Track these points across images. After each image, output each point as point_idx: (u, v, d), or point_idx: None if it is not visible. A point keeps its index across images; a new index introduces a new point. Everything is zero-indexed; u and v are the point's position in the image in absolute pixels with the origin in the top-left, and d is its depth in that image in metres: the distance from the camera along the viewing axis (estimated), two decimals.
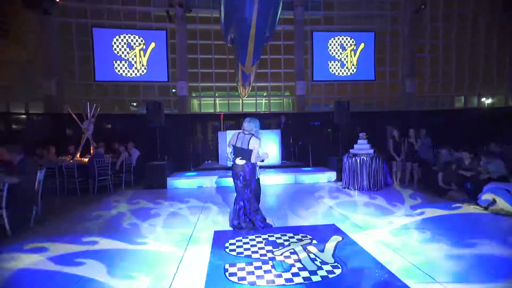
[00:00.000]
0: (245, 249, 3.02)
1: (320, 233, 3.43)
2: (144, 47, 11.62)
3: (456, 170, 5.26)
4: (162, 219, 4.24)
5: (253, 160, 3.60)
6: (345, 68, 12.97)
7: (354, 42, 13.00)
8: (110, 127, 10.20)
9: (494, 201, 4.23)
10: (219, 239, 3.34)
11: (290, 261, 2.70)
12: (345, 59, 12.97)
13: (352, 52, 13.04)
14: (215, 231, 3.63)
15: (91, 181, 6.24)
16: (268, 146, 8.23)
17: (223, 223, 3.95)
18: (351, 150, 6.24)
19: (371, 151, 6.03)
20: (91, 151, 7.73)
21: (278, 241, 3.23)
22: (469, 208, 4.39)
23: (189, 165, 9.11)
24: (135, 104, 12.19)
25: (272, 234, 3.46)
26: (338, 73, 12.94)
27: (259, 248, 3.04)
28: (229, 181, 6.83)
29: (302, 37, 12.61)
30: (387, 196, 5.27)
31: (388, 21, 13.32)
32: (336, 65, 12.92)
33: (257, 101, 12.98)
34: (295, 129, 11.16)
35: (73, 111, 8.05)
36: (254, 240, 3.28)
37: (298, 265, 2.61)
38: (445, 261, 2.64)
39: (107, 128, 10.28)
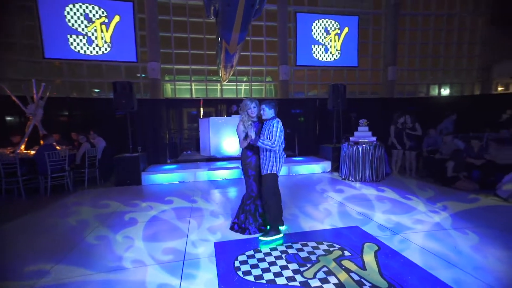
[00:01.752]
0: (263, 270, 2.27)
1: (347, 240, 2.80)
2: (106, 21, 9.96)
3: (465, 158, 4.96)
4: (141, 227, 3.31)
5: (240, 146, 3.07)
6: (328, 53, 12.47)
7: (338, 26, 12.50)
8: (67, 114, 8.63)
9: None
10: (224, 254, 2.55)
11: (329, 287, 2.01)
12: (329, 43, 12.45)
13: (336, 37, 12.54)
14: (215, 243, 2.82)
15: (41, 179, 5.00)
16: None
17: (223, 230, 3.15)
18: (351, 138, 5.70)
19: (374, 139, 5.55)
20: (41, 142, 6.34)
21: (302, 254, 2.52)
22: (488, 200, 4.06)
23: (165, 157, 8.05)
24: (96, 90, 10.58)
25: (290, 243, 2.75)
26: (322, 58, 12.42)
27: (282, 267, 2.31)
28: (216, 174, 5.98)
29: (286, 18, 11.79)
30: (395, 188, 4.82)
31: (371, 5, 12.99)
32: (320, 49, 12.36)
33: (238, 87, 12.05)
34: (278, 116, 10.43)
35: (13, 93, 6.48)
36: (270, 254, 2.54)
37: None
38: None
39: (63, 115, 8.69)
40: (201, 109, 9.34)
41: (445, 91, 14.56)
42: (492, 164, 4.88)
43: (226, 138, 7.27)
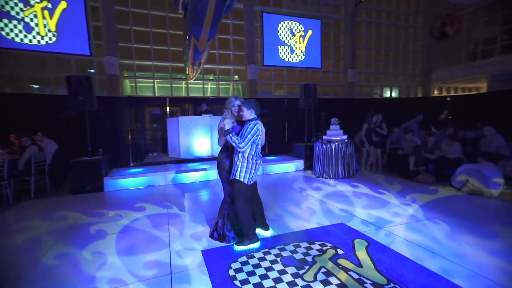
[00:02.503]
0: (261, 277, 2.15)
1: (337, 237, 2.82)
2: (49, 6, 8.79)
3: (422, 154, 5.43)
4: (112, 240, 2.93)
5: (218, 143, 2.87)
6: (294, 54, 12.77)
7: (303, 28, 12.88)
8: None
9: (466, 182, 4.41)
10: (215, 263, 2.37)
11: None
12: (294, 45, 12.75)
13: (301, 39, 12.91)
14: (203, 251, 2.61)
15: None
16: None
17: (208, 236, 2.94)
18: (324, 137, 5.87)
19: (345, 137, 5.78)
20: None
21: (297, 256, 2.46)
22: (445, 191, 4.49)
23: (128, 160, 7.42)
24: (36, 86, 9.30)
25: (282, 245, 2.67)
26: (288, 59, 12.67)
27: (280, 272, 2.21)
28: (188, 177, 5.66)
29: (252, 17, 11.76)
30: (366, 184, 5.07)
31: (332, 10, 13.66)
32: (286, 50, 12.59)
33: (204, 85, 11.66)
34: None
35: None
36: (264, 259, 2.43)
37: None
38: (491, 258, 2.35)
39: None
40: (168, 108, 8.80)
41: (395, 93, 16.00)
42: (444, 158, 5.43)
43: (197, 139, 6.95)
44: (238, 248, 2.62)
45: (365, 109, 11.60)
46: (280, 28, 12.43)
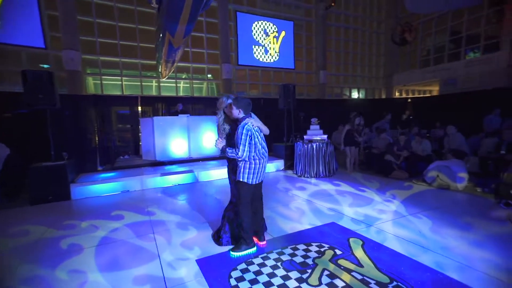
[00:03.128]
0: (265, 284, 2.06)
1: (332, 237, 2.83)
2: None
3: (395, 151, 5.75)
4: (91, 255, 2.62)
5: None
6: (268, 54, 12.85)
7: (276, 29, 13.00)
8: None
9: (437, 177, 4.75)
10: (213, 273, 2.22)
11: None
12: (268, 45, 12.82)
13: (275, 39, 13.02)
14: (197, 260, 2.44)
15: None
16: (207, 135, 7.05)
17: (201, 244, 2.77)
18: (305, 137, 5.94)
19: (325, 136, 5.90)
20: None
21: (297, 259, 2.41)
22: (419, 186, 4.79)
23: (95, 164, 6.84)
24: None
25: (279, 249, 2.60)
26: (262, 59, 12.70)
27: (283, 278, 2.14)
28: (166, 180, 5.36)
29: (227, 16, 11.58)
30: (347, 182, 5.23)
31: (304, 13, 13.99)
32: (260, 50, 12.62)
33: (177, 84, 11.21)
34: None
35: None
36: (265, 265, 2.34)
37: None
38: (473, 249, 2.52)
39: None
40: (139, 108, 8.28)
41: (362, 95, 16.90)
42: (414, 155, 5.80)
43: (174, 140, 6.62)
44: (234, 254, 2.51)
45: (337, 109, 12.05)
46: (254, 28, 12.41)
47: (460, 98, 11.23)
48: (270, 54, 12.88)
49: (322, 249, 2.57)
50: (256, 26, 12.44)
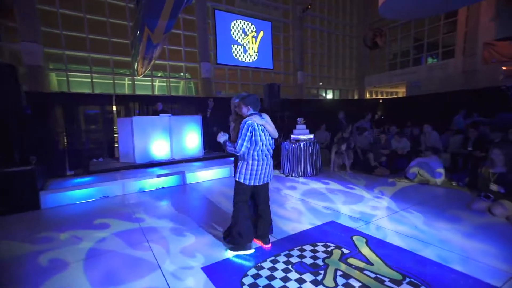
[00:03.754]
0: None
1: (335, 236, 2.83)
2: None
3: (378, 149, 6.00)
4: (79, 270, 2.34)
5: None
6: (247, 54, 12.77)
7: (255, 29, 12.98)
8: None
9: (417, 173, 5.03)
10: (224, 280, 2.09)
11: None
12: (247, 45, 12.75)
13: (253, 39, 12.98)
14: (203, 268, 2.29)
15: None
16: (190, 136, 6.80)
17: (202, 250, 2.61)
18: (292, 136, 5.96)
19: (312, 135, 5.97)
20: None
21: (306, 261, 2.36)
22: (402, 183, 5.02)
23: (64, 168, 6.25)
24: None
25: (286, 251, 2.54)
26: (241, 59, 12.60)
27: (298, 281, 2.07)
28: (149, 184, 5.05)
29: (205, 13, 11.30)
30: (335, 180, 5.33)
31: (281, 14, 14.13)
32: (239, 50, 12.51)
33: (153, 83, 10.69)
34: (215, 115, 9.74)
35: None
36: (275, 269, 2.26)
37: None
38: (468, 240, 2.67)
39: None
40: (114, 107, 7.73)
41: (336, 95, 17.52)
42: (394, 153, 6.09)
43: (155, 141, 6.27)
44: (231, 253, 2.50)
45: (316, 109, 12.27)
46: (233, 27, 12.27)
47: (424, 99, 12.09)
48: (249, 54, 12.82)
49: (329, 249, 2.55)
50: (234, 25, 12.30)
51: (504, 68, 12.67)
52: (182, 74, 11.38)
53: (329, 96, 17.05)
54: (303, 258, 2.41)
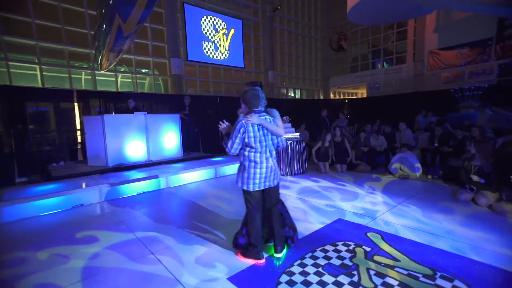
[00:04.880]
0: None
1: (350, 234, 2.82)
2: None
3: (359, 147, 6.27)
4: None
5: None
6: (218, 51, 12.43)
7: (226, 26, 12.69)
8: None
9: (399, 169, 5.36)
10: None
11: None
12: (218, 42, 12.40)
13: (224, 36, 12.69)
14: (229, 279, 2.07)
15: None
16: (168, 135, 6.34)
17: (221, 258, 2.37)
18: None
19: (297, 134, 5.99)
20: None
21: (334, 262, 2.29)
22: (386, 178, 5.30)
23: (11, 175, 5.38)
24: None
25: (309, 253, 2.44)
26: (213, 56, 12.22)
27: (335, 284, 1.99)
28: (129, 189, 4.55)
29: (174, 6, 10.70)
30: (323, 178, 5.41)
31: (251, 12, 14.06)
32: (211, 47, 12.11)
33: (117, 78, 9.76)
34: (192, 114, 9.20)
35: None
36: (306, 273, 2.14)
37: None
38: (468, 229, 2.87)
39: None
40: (75, 104, 6.84)
41: (304, 95, 18.08)
42: (373, 150, 6.43)
43: (131, 142, 5.69)
44: (242, 258, 2.39)
45: (288, 108, 12.42)
46: (203, 23, 11.82)
47: (383, 100, 13.10)
48: (220, 51, 12.49)
49: (351, 247, 2.52)
50: (205, 20, 11.87)
51: (444, 74, 14.39)
52: (147, 70, 10.61)
53: (297, 96, 17.51)
54: (329, 259, 2.34)
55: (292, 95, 17.13)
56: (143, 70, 10.54)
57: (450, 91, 9.70)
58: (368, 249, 2.49)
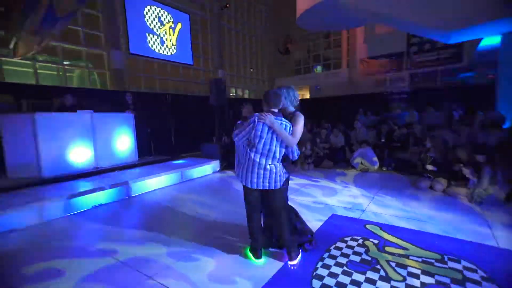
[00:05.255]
0: None
1: (353, 228, 2.84)
2: None
3: (319, 144, 6.58)
4: None
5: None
6: (165, 46, 11.51)
7: (172, 19, 11.86)
8: None
9: (360, 163, 5.81)
10: None
11: (429, 280, 1.96)
12: (164, 36, 11.48)
13: (171, 30, 11.83)
14: None
15: None
16: (121, 138, 5.51)
17: (233, 271, 2.07)
18: None
19: None
20: None
21: (353, 258, 2.26)
22: (350, 172, 5.67)
23: None
24: None
25: (324, 252, 2.35)
26: (159, 51, 11.24)
27: (368, 281, 1.94)
28: (80, 203, 3.74)
29: None
30: (294, 175, 5.44)
31: (199, 8, 13.48)
32: (156, 40, 11.11)
33: (37, 70, 8.05)
34: (142, 113, 8.01)
35: None
36: (334, 274, 2.04)
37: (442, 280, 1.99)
38: (444, 213, 3.23)
39: None
40: None
41: (252, 95, 18.29)
42: (333, 147, 6.83)
43: (72, 145, 4.69)
44: (248, 253, 2.34)
45: (240, 108, 12.29)
46: (146, 13, 10.75)
47: (325, 101, 14.24)
48: (167, 46, 11.58)
49: (360, 242, 2.54)
50: (149, 11, 10.82)
51: (376, 78, 16.56)
52: (77, 61, 9.07)
53: (246, 96, 17.58)
54: (347, 256, 2.29)
55: (241, 94, 17.11)
56: (68, 62, 8.91)
57: (383, 93, 11.08)
58: (375, 241, 2.55)
